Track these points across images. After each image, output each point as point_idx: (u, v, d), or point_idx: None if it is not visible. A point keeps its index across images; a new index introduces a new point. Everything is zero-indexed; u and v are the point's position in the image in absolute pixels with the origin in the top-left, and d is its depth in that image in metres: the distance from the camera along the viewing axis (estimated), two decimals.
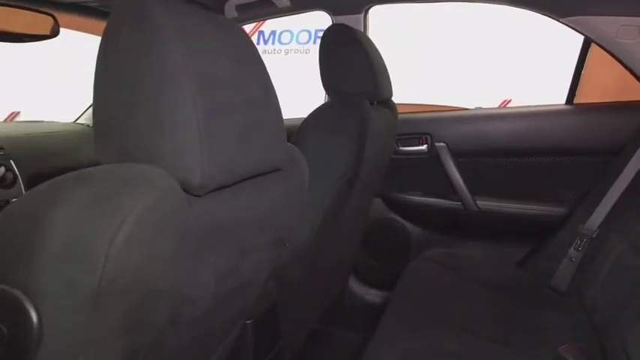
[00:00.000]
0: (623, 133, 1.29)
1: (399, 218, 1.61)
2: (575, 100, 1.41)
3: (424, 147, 1.53)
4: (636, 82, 1.27)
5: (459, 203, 1.49)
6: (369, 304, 1.65)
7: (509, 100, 3.14)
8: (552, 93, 2.04)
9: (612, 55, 1.24)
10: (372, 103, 1.14)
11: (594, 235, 1.24)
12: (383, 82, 1.16)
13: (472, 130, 1.50)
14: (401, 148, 1.55)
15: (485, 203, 1.47)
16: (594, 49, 1.34)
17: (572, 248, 1.29)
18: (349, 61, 1.11)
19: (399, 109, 1.42)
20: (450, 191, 1.51)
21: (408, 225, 1.60)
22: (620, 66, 1.26)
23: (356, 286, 1.68)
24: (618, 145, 1.29)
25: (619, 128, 1.30)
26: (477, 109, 1.58)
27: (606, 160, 1.32)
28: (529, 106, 1.47)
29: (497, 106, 3.09)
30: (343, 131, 1.04)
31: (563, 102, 1.45)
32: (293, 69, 3.43)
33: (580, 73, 1.38)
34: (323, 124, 1.05)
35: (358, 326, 1.51)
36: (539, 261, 1.40)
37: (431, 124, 1.53)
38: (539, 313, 1.18)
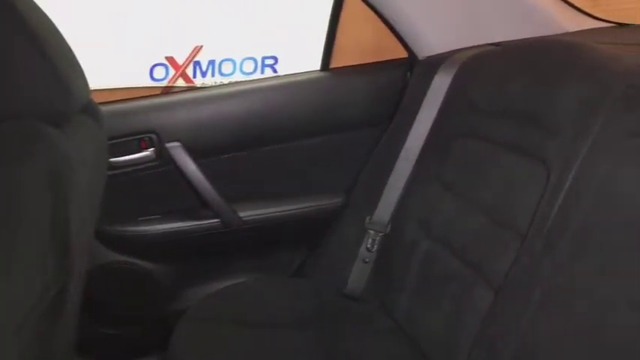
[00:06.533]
0: (390, 97, 1.15)
1: (131, 259, 1.13)
2: (332, 65, 1.16)
3: (150, 152, 1.07)
4: (394, 38, 1.09)
5: (217, 220, 1.10)
6: None
7: (201, 47, 2.88)
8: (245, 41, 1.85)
9: (373, 8, 1.01)
10: (58, 125, 0.60)
11: (388, 230, 1.06)
12: (76, 81, 0.63)
13: (212, 117, 1.13)
14: (113, 159, 1.03)
15: (250, 213, 1.14)
16: (348, 3, 1.10)
17: (362, 247, 1.10)
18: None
19: (99, 97, 0.89)
20: (200, 206, 1.10)
21: (148, 265, 1.15)
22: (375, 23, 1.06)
23: None
24: (387, 113, 1.15)
25: (385, 92, 1.16)
26: (212, 86, 1.19)
27: (377, 131, 1.16)
28: (279, 76, 1.17)
29: (189, 52, 2.74)
30: (20, 210, 0.50)
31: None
32: None
33: (334, 33, 1.13)
34: None
35: None
36: (326, 266, 1.19)
37: (153, 115, 1.09)
38: (357, 347, 0.95)
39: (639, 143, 0.63)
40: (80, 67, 0.71)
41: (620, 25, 1.11)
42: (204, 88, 1.24)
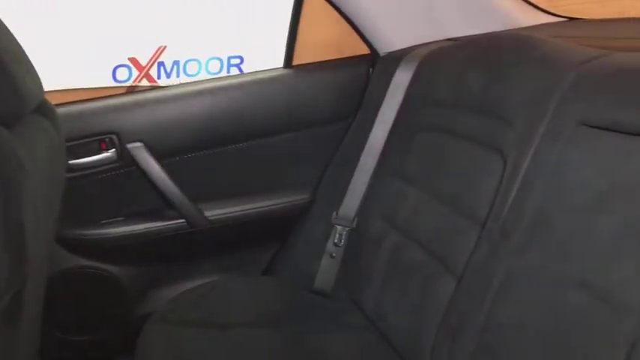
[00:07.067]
0: (354, 93, 1.16)
1: (95, 263, 1.11)
2: (294, 62, 1.16)
3: (110, 153, 1.06)
4: (355, 35, 1.10)
5: (182, 221, 1.09)
6: None
7: (165, 47, 2.83)
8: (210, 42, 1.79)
9: (334, 5, 1.02)
10: (8, 125, 0.58)
11: (354, 225, 1.06)
12: (27, 81, 0.61)
13: (175, 116, 1.11)
14: (73, 161, 1.01)
15: (216, 212, 1.13)
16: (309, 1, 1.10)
17: (330, 242, 1.11)
18: None
19: (55, 98, 0.87)
20: (166, 206, 1.08)
21: (113, 269, 1.13)
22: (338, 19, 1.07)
23: None
24: (351, 109, 1.16)
25: (348, 89, 1.16)
26: (174, 85, 1.17)
27: (342, 128, 1.17)
28: (242, 74, 1.16)
29: (152, 53, 2.69)
30: None
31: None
32: None
33: (296, 31, 1.13)
34: None
35: None
36: (294, 263, 1.19)
37: (114, 116, 1.07)
38: (326, 344, 0.95)
39: (587, 130, 0.65)
40: (33, 67, 0.69)
41: (573, 19, 1.15)
42: (166, 87, 1.22)
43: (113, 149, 1.05)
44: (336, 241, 1.10)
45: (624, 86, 0.64)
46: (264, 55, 1.50)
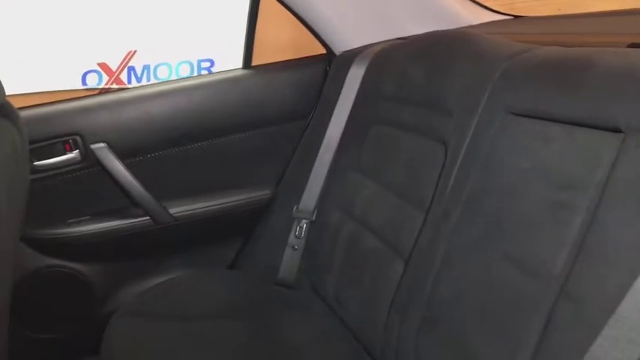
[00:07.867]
0: (311, 91, 1.20)
1: (63, 262, 1.12)
2: (253, 63, 1.20)
3: (75, 154, 1.08)
4: (311, 36, 1.15)
5: (147, 218, 1.12)
6: None
7: (135, 51, 2.81)
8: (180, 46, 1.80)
9: (287, 7, 1.06)
10: None
11: (314, 218, 1.11)
12: None
13: (138, 117, 1.14)
14: (38, 162, 1.03)
15: (180, 209, 1.16)
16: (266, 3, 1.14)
17: (291, 235, 1.15)
18: None
19: (18, 103, 0.90)
20: (131, 204, 1.11)
21: (81, 267, 1.15)
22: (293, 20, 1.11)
23: None
24: (309, 107, 1.20)
25: (306, 87, 1.21)
26: (137, 87, 1.20)
27: (301, 125, 1.21)
28: (203, 75, 1.20)
29: (122, 58, 2.68)
30: None
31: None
32: None
33: (253, 32, 1.17)
34: None
35: None
36: (258, 257, 1.22)
37: (77, 118, 1.09)
38: (289, 333, 0.99)
39: (515, 118, 0.71)
40: None
41: (517, 17, 1.22)
42: (129, 88, 1.25)
43: (77, 150, 1.08)
44: (297, 233, 1.14)
45: (545, 78, 0.70)
46: (235, 57, 1.53)
